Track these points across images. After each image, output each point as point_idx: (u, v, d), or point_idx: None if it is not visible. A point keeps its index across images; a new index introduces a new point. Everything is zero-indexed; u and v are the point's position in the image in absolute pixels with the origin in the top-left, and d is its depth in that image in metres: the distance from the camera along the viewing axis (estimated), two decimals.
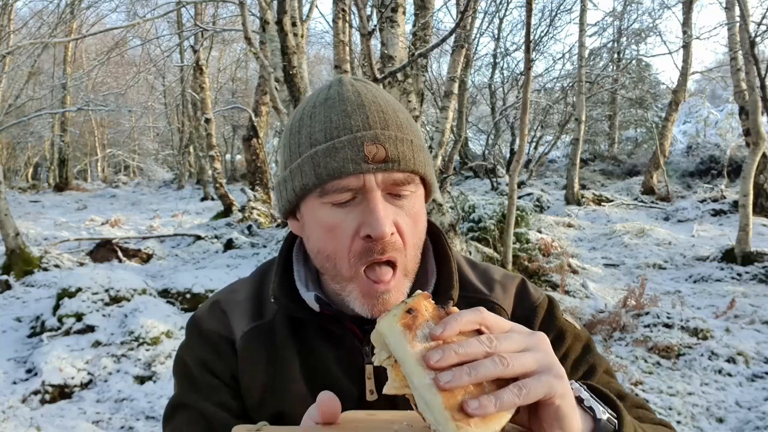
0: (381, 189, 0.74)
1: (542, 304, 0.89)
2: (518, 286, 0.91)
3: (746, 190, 7.40)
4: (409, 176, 0.75)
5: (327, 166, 0.73)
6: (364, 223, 0.73)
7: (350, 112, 0.75)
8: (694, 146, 17.86)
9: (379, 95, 0.79)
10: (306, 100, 0.82)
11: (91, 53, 21.39)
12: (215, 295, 0.92)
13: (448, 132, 7.02)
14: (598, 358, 0.88)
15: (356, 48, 9.46)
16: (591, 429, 0.61)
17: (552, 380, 0.56)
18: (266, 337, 0.84)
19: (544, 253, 7.54)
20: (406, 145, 0.75)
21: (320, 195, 0.75)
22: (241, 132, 18.77)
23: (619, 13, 18.39)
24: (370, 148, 0.72)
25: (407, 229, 0.76)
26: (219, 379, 0.83)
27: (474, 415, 0.51)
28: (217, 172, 12.88)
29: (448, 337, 0.55)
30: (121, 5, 13.06)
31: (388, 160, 0.73)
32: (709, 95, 23.85)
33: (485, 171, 16.90)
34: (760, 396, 4.04)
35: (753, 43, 7.02)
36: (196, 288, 5.85)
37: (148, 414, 3.87)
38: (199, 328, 0.87)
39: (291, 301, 0.83)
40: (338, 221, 0.75)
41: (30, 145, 22.76)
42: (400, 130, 0.76)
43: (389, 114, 0.76)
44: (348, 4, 6.31)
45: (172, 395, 0.88)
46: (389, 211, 0.74)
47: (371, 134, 0.73)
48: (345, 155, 0.72)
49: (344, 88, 0.78)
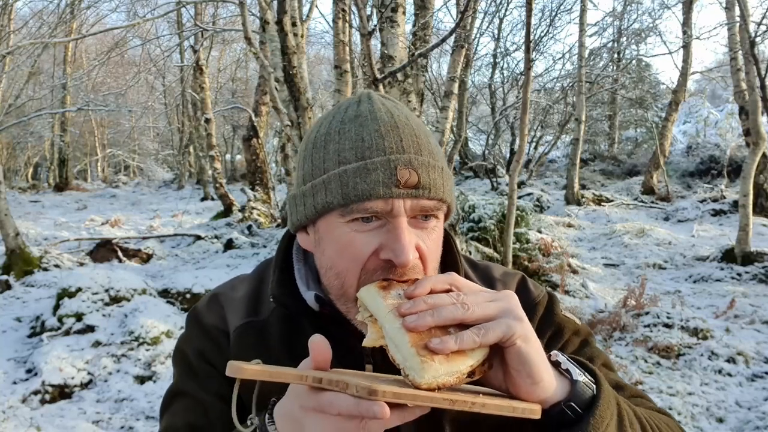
0: (408, 215, 0.72)
1: (542, 301, 0.90)
2: (518, 283, 0.92)
3: (746, 190, 7.40)
4: (437, 204, 0.74)
5: (356, 186, 0.70)
6: (387, 247, 0.71)
7: (384, 133, 0.72)
8: (694, 146, 17.86)
9: (411, 117, 0.77)
10: (331, 114, 0.79)
11: (91, 53, 21.39)
12: (215, 289, 0.93)
13: (448, 132, 7.02)
14: (596, 351, 0.88)
15: (356, 48, 9.47)
16: (568, 391, 0.62)
17: (510, 321, 0.60)
18: (259, 333, 0.85)
19: (544, 253, 7.54)
20: (437, 173, 0.73)
21: (342, 214, 0.72)
22: (241, 132, 18.78)
23: (619, 13, 18.41)
24: (402, 173, 0.70)
25: (429, 254, 0.75)
26: (217, 370, 0.84)
27: (437, 350, 0.56)
28: (217, 172, 12.88)
29: (419, 294, 0.61)
30: (121, 5, 13.08)
31: (419, 187, 0.71)
32: (709, 95, 23.86)
33: (485, 171, 16.90)
34: (760, 396, 4.04)
35: (753, 43, 7.02)
36: (196, 288, 5.84)
37: (148, 414, 3.87)
38: (198, 321, 0.89)
39: (290, 299, 0.82)
40: (357, 242, 0.72)
41: (30, 145, 22.77)
42: (432, 157, 0.74)
43: (422, 138, 0.74)
44: (348, 4, 6.31)
45: (170, 384, 0.90)
46: (413, 237, 0.72)
47: (405, 158, 0.71)
48: (377, 178, 0.70)
49: (375, 106, 0.76)
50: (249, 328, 0.85)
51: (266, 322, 0.85)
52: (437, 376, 0.54)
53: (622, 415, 0.66)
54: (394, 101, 0.80)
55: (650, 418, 0.74)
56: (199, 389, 0.84)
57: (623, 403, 0.68)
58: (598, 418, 0.61)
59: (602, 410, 0.62)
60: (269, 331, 0.85)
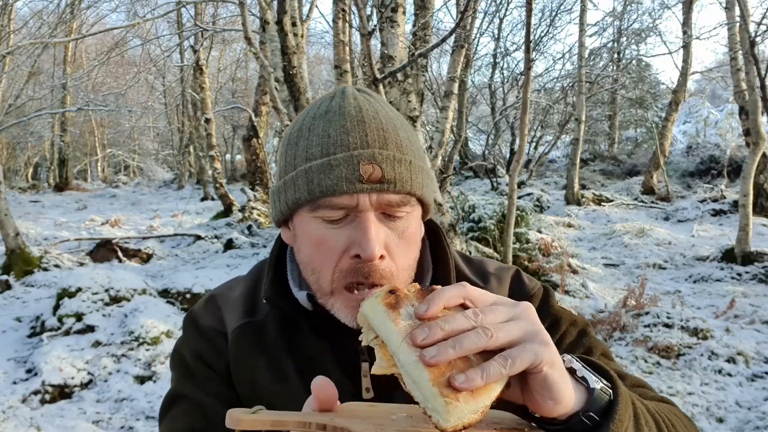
0: (375, 209, 0.73)
1: (537, 294, 0.90)
2: (513, 276, 0.92)
3: (746, 190, 7.40)
4: (404, 198, 0.74)
5: (321, 183, 0.71)
6: (355, 242, 0.72)
7: (349, 128, 0.73)
8: (694, 146, 17.86)
9: (381, 111, 0.77)
10: (308, 109, 0.80)
11: (91, 53, 21.39)
12: (212, 291, 0.93)
13: (448, 132, 7.01)
14: (594, 342, 0.87)
15: (356, 48, 9.46)
16: (585, 400, 0.59)
17: (537, 347, 0.55)
18: (257, 334, 0.85)
19: (544, 253, 7.54)
20: (404, 166, 0.73)
21: (312, 210, 0.74)
22: (241, 132, 18.77)
23: (619, 13, 18.40)
24: (365, 168, 0.71)
25: (399, 252, 0.75)
26: (214, 371, 0.84)
27: (462, 389, 0.50)
28: (217, 172, 12.88)
29: (433, 314, 0.54)
30: (121, 5, 13.07)
31: (383, 181, 0.71)
32: (709, 95, 23.85)
33: (485, 171, 16.90)
34: (760, 396, 4.04)
35: (753, 43, 7.02)
36: (196, 288, 5.84)
37: (148, 414, 3.87)
38: (196, 323, 0.88)
39: (283, 300, 0.83)
40: (328, 237, 0.74)
41: (30, 145, 22.76)
42: (399, 150, 0.74)
43: (389, 132, 0.74)
44: (348, 4, 6.31)
45: (169, 388, 0.89)
46: (381, 232, 0.73)
47: (368, 153, 0.71)
48: (340, 173, 0.71)
49: (346, 101, 0.76)
50: (247, 329, 0.85)
51: (263, 322, 0.85)
52: (463, 417, 0.49)
53: (638, 415, 0.64)
54: (370, 94, 0.79)
55: (660, 411, 0.72)
56: (197, 391, 0.84)
57: (637, 401, 0.67)
58: (617, 423, 0.60)
59: (621, 414, 0.60)
60: (267, 331, 0.85)
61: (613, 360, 0.87)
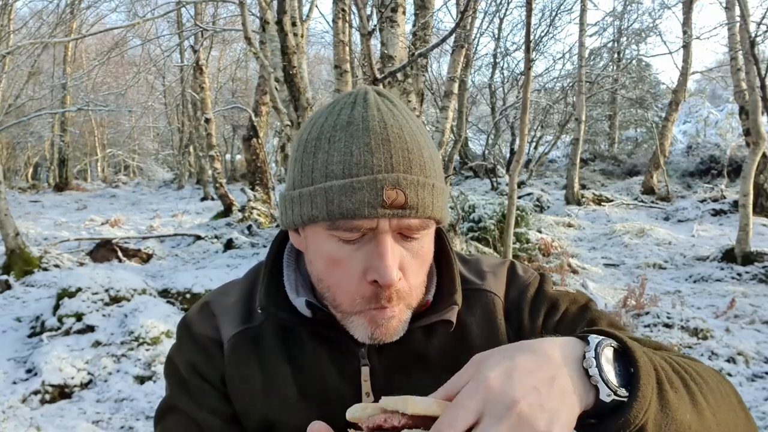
0: (393, 231, 0.71)
1: (533, 282, 0.88)
2: (508, 269, 0.91)
3: (746, 190, 7.40)
4: (425, 222, 0.72)
5: (341, 205, 0.68)
6: (372, 267, 0.70)
7: (374, 148, 0.69)
8: (694, 146, 17.87)
9: (405, 126, 0.73)
10: (324, 114, 0.76)
11: (91, 53, 21.39)
12: (206, 297, 0.90)
13: (448, 132, 7.01)
14: (597, 314, 0.84)
15: (356, 48, 9.46)
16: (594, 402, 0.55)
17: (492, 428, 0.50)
18: (253, 341, 0.83)
19: (544, 253, 7.55)
20: (427, 191, 0.71)
21: (328, 228, 0.71)
22: (241, 132, 18.76)
23: (619, 13, 18.40)
24: (389, 194, 0.68)
25: (412, 271, 0.74)
26: (209, 383, 0.82)
27: None
28: (217, 172, 12.87)
29: None
30: (121, 5, 13.09)
31: (406, 207, 0.69)
32: (709, 95, 23.86)
33: (485, 171, 16.90)
34: (760, 396, 4.04)
35: (753, 43, 7.02)
36: (196, 288, 5.84)
37: (148, 414, 3.87)
38: (189, 330, 0.86)
39: (280, 309, 0.80)
40: (344, 258, 0.72)
41: (30, 145, 22.74)
42: (423, 173, 0.71)
43: (414, 153, 0.71)
44: (348, 4, 6.31)
45: (163, 397, 0.87)
46: (397, 254, 0.71)
47: (393, 178, 0.69)
48: (362, 198, 0.68)
49: (369, 113, 0.72)
50: (244, 336, 0.83)
51: (260, 328, 0.84)
52: None
53: (661, 380, 0.59)
54: (392, 102, 0.76)
55: (687, 366, 0.67)
56: (191, 404, 0.82)
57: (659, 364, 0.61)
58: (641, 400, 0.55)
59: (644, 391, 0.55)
60: (264, 337, 0.83)
61: (623, 328, 0.81)
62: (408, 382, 0.80)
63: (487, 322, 0.84)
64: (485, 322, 0.84)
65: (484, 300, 0.86)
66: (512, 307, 0.86)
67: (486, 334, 0.84)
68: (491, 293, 0.86)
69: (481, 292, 0.86)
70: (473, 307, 0.85)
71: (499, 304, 0.86)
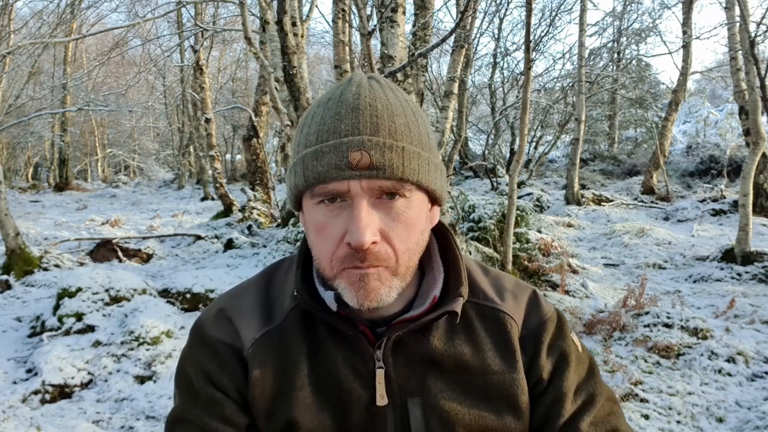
0: (369, 195, 0.72)
1: (552, 318, 0.89)
2: (530, 296, 0.90)
3: (746, 189, 7.40)
4: (397, 184, 0.73)
5: (313, 169, 0.72)
6: (348, 230, 0.72)
7: (343, 115, 0.73)
8: (694, 146, 17.88)
9: (380, 97, 0.75)
10: (320, 96, 0.81)
11: (91, 53, 21.39)
12: (218, 302, 0.88)
13: (448, 132, 7.02)
14: (599, 386, 0.86)
15: (356, 48, 9.46)
16: None
17: None
18: (278, 341, 0.82)
19: (544, 253, 7.54)
20: (395, 153, 0.72)
21: (311, 197, 0.75)
22: (241, 132, 18.77)
23: (619, 13, 18.41)
24: (354, 155, 0.70)
25: (397, 235, 0.74)
26: (222, 392, 0.80)
27: None
28: (217, 172, 12.88)
29: None
30: (121, 5, 13.08)
31: (372, 168, 0.71)
32: (709, 95, 23.86)
33: (485, 171, 16.89)
34: (760, 396, 4.04)
35: (753, 43, 7.02)
36: (196, 288, 5.85)
37: (148, 414, 3.87)
38: (203, 336, 0.84)
39: (311, 297, 0.81)
40: (327, 224, 0.74)
41: (30, 145, 22.77)
42: (392, 137, 0.72)
43: (383, 119, 0.73)
44: (348, 4, 6.31)
45: (174, 405, 0.84)
46: (374, 219, 0.72)
47: (357, 140, 0.71)
48: (330, 160, 0.71)
49: (348, 89, 0.76)
50: (268, 338, 0.82)
51: (282, 326, 0.83)
52: None
53: None
54: (378, 81, 0.78)
55: None
56: (203, 415, 0.79)
57: None
58: None
59: None
60: (288, 334, 0.82)
61: (618, 404, 0.87)
62: (422, 386, 0.81)
63: (502, 337, 0.85)
64: (500, 336, 0.85)
65: (501, 320, 0.86)
66: (529, 336, 0.87)
67: (500, 346, 0.84)
68: (509, 316, 0.86)
69: (499, 313, 0.86)
70: (489, 322, 0.86)
71: (515, 329, 0.86)
